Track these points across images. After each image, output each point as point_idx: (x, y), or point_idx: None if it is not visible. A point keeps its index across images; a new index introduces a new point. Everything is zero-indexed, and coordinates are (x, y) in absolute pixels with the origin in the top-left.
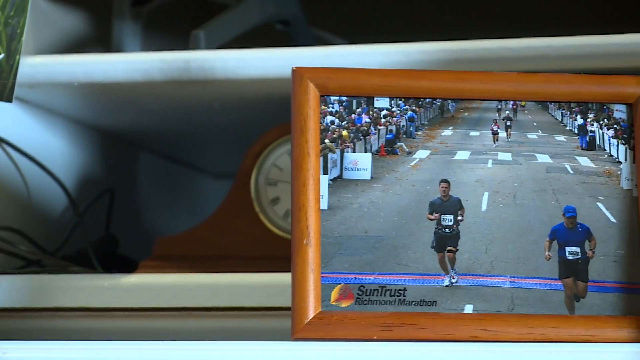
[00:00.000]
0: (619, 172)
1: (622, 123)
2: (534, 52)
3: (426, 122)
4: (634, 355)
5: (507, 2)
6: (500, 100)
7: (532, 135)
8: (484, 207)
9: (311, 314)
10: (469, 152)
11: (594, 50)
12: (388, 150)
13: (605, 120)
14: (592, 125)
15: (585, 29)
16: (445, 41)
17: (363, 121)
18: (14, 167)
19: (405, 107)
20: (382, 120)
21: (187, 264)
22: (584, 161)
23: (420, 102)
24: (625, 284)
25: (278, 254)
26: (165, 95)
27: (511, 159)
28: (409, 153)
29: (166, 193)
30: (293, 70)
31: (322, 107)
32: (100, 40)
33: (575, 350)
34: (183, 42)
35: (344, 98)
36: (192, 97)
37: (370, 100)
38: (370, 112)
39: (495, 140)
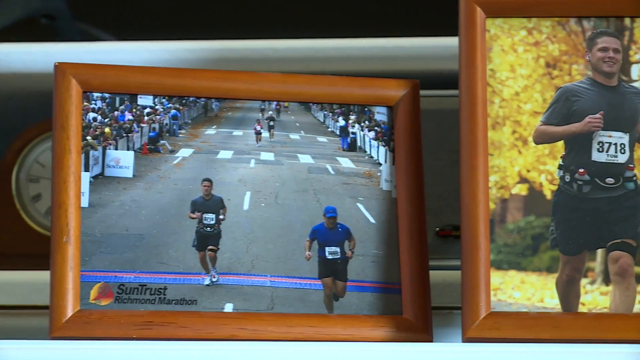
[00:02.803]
0: (379, 174)
1: (382, 125)
2: (297, 53)
3: (190, 121)
4: (391, 353)
5: (282, 3)
6: (263, 101)
7: (294, 136)
8: (245, 207)
9: (69, 312)
10: (232, 152)
11: (356, 53)
12: (151, 148)
13: (367, 122)
14: (354, 127)
15: (353, 31)
16: (213, 40)
17: (126, 119)
18: None
19: (169, 105)
20: (146, 118)
21: None
22: (345, 162)
23: (184, 101)
24: (383, 284)
25: (39, 252)
26: None
27: (274, 159)
28: (172, 151)
29: None
30: (55, 66)
31: (85, 103)
32: None
33: (334, 349)
34: None
35: (107, 95)
36: None
37: (133, 97)
38: (134, 110)
39: (258, 140)
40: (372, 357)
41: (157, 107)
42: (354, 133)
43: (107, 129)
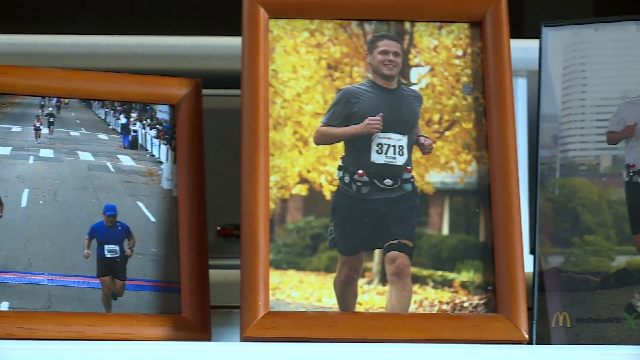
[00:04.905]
0: (160, 172)
1: (164, 124)
2: (79, 49)
3: None
4: (169, 352)
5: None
6: (43, 97)
7: (75, 133)
8: (23, 204)
9: None
10: (10, 148)
11: (139, 50)
12: None
13: (148, 120)
14: (135, 124)
15: (137, 28)
16: None
17: None
18: None
19: None
20: None
21: None
22: (126, 160)
23: None
24: (162, 283)
25: None
26: None
27: (53, 156)
28: None
29: None
30: None
31: None
32: None
33: (111, 347)
34: None
35: None
36: None
37: None
38: None
39: (38, 136)
40: (149, 356)
41: None
42: (135, 131)
43: None
